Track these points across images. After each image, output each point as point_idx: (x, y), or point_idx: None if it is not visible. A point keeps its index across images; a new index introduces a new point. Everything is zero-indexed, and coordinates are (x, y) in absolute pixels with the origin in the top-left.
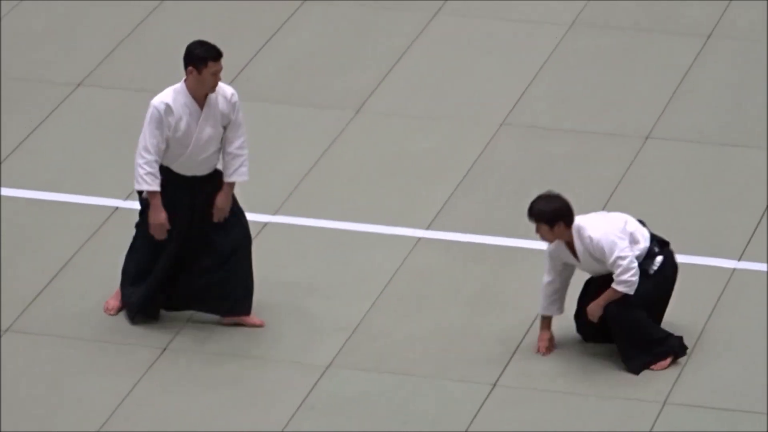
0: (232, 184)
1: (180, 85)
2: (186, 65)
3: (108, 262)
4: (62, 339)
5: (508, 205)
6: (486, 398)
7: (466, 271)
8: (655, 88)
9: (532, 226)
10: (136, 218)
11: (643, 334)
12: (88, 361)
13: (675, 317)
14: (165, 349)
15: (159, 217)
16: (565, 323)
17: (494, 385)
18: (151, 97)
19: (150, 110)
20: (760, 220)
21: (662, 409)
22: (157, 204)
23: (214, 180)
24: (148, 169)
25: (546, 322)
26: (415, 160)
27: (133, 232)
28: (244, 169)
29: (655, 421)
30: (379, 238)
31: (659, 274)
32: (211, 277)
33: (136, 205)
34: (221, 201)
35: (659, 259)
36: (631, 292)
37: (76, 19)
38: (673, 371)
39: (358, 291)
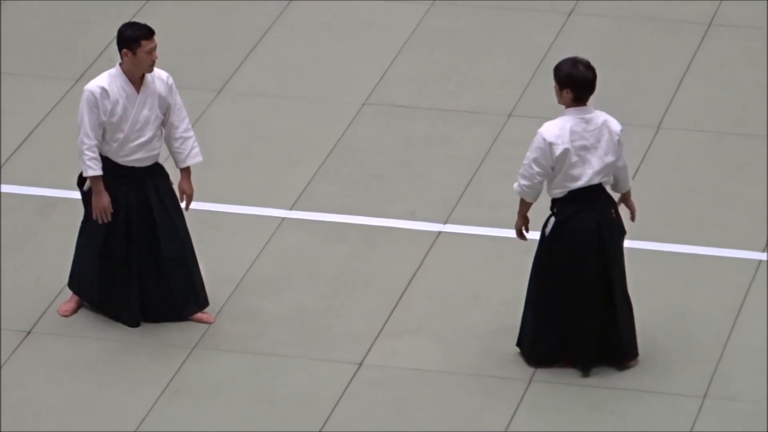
0: (189, 169)
1: (115, 69)
2: (120, 49)
3: None
4: None
5: (370, 185)
6: (352, 378)
7: (330, 251)
8: (518, 65)
9: (394, 206)
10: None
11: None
12: None
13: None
14: (29, 333)
15: (103, 200)
16: (426, 301)
17: (360, 364)
18: (10, 79)
19: (84, 95)
20: None
21: (528, 387)
22: (100, 189)
23: (157, 175)
24: (91, 154)
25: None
26: (277, 140)
27: None
28: (196, 149)
29: (522, 397)
30: (243, 219)
31: (550, 239)
32: (172, 280)
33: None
34: (188, 187)
35: (551, 221)
36: (520, 196)
37: None
38: None
39: (221, 272)
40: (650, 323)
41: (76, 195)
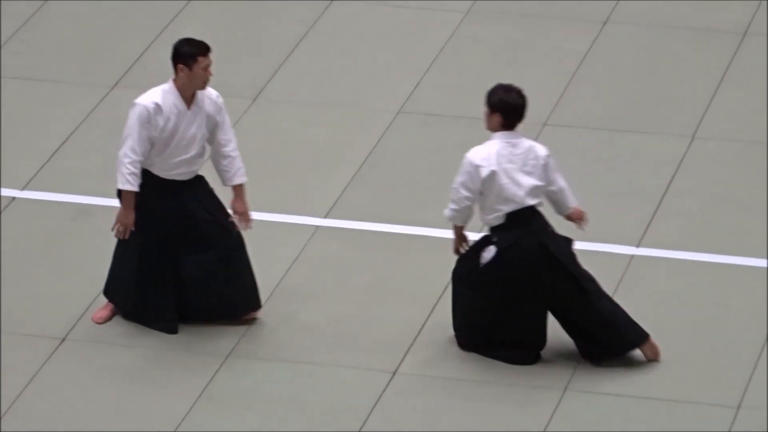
0: (241, 188)
1: (168, 85)
2: (175, 64)
3: (2, 252)
4: None
5: (405, 193)
6: (386, 386)
7: (364, 259)
8: (552, 74)
9: (429, 214)
10: (34, 208)
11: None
12: None
13: None
14: (64, 340)
15: (129, 218)
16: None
17: (394, 373)
18: (46, 86)
19: (137, 109)
20: (658, 205)
21: (563, 396)
22: (130, 205)
23: (198, 187)
24: (132, 169)
25: None
26: (312, 148)
27: (28, 221)
28: (242, 170)
29: (556, 407)
30: (278, 227)
31: (492, 267)
32: (221, 281)
33: (34, 195)
34: (241, 206)
35: (491, 250)
36: (449, 221)
37: None
38: (572, 358)
39: (256, 280)
40: (684, 332)
41: (111, 202)
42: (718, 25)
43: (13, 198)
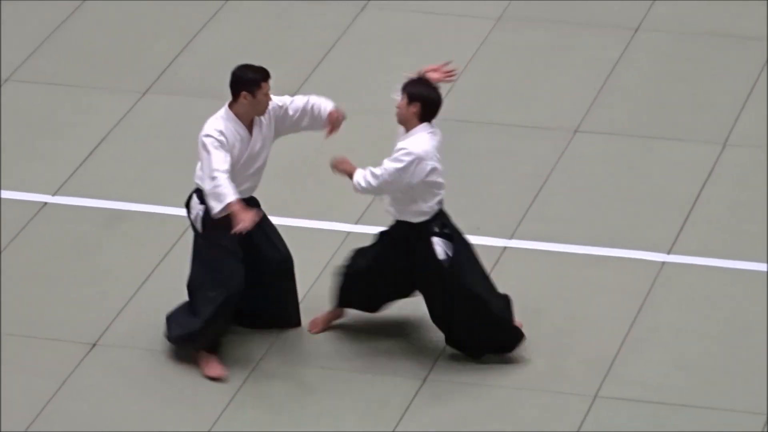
0: (331, 113)
1: (225, 113)
2: (238, 91)
3: (34, 258)
4: None
5: None
6: (416, 393)
7: None
8: (584, 81)
9: (459, 220)
10: (65, 213)
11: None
12: (14, 357)
13: (604, 311)
14: (95, 345)
15: (248, 214)
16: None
17: (424, 380)
18: (78, 92)
19: (206, 140)
20: (690, 212)
21: (593, 403)
22: (242, 209)
23: (252, 206)
24: (225, 183)
25: None
26: (343, 153)
27: (60, 227)
28: (324, 99)
29: (586, 414)
30: (309, 233)
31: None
32: (269, 299)
33: (66, 201)
34: (339, 112)
35: (439, 243)
36: (355, 190)
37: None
38: (603, 365)
39: None
40: (715, 339)
41: (143, 207)
42: (749, 32)
43: (45, 203)
